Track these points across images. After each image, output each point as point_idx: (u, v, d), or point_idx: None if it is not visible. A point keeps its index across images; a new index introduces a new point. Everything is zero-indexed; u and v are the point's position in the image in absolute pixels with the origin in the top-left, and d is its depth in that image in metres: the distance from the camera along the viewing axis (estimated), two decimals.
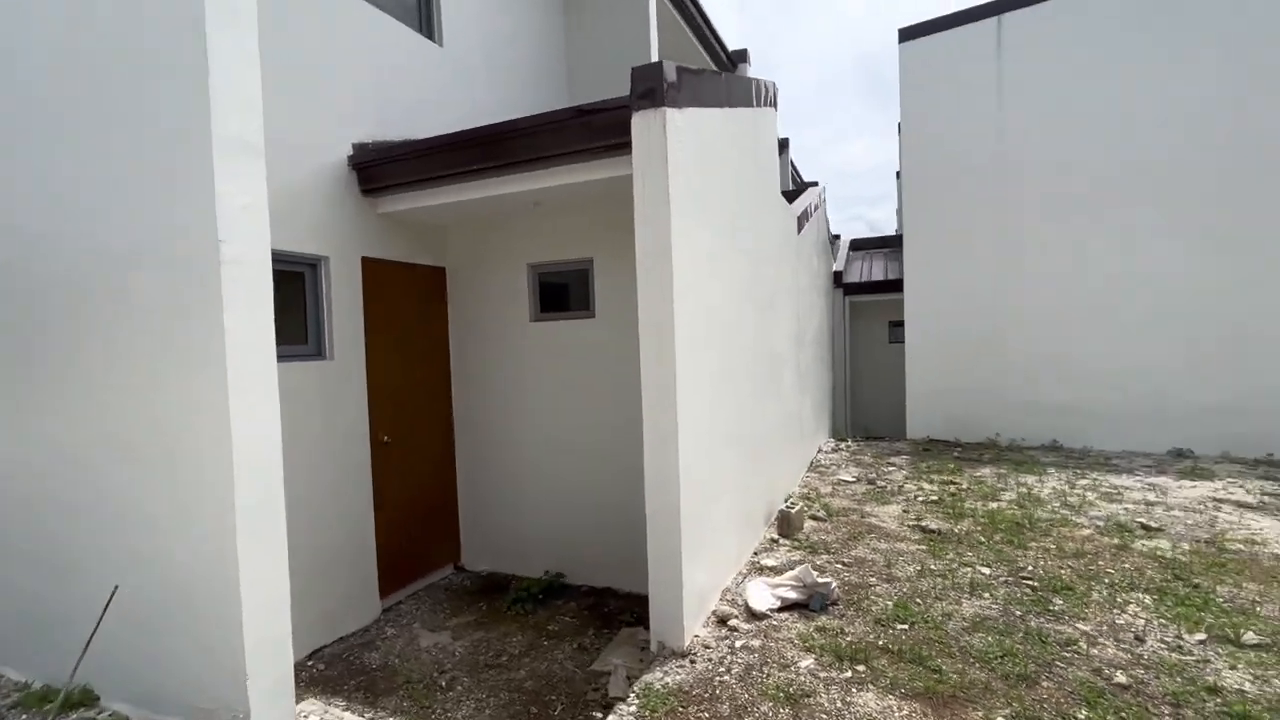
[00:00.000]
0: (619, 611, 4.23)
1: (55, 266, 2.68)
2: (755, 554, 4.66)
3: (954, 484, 6.70)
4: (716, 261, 3.92)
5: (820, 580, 3.71)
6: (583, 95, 6.85)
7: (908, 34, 9.53)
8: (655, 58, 6.57)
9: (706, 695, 2.81)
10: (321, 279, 3.95)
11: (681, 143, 3.32)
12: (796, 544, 4.87)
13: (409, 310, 4.67)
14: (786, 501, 5.66)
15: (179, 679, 2.56)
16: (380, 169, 4.10)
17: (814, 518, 5.50)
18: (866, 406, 12.28)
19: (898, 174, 17.69)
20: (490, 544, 5.03)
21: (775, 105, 5.77)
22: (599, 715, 3.05)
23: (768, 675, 2.95)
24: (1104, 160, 8.31)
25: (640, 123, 3.19)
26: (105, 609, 2.44)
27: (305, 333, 3.90)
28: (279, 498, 2.53)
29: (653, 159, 3.17)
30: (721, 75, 4.14)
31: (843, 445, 9.30)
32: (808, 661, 3.08)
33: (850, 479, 7.06)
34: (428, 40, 4.91)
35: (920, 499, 6.13)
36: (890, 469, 7.56)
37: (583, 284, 4.63)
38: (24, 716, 2.79)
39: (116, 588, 2.49)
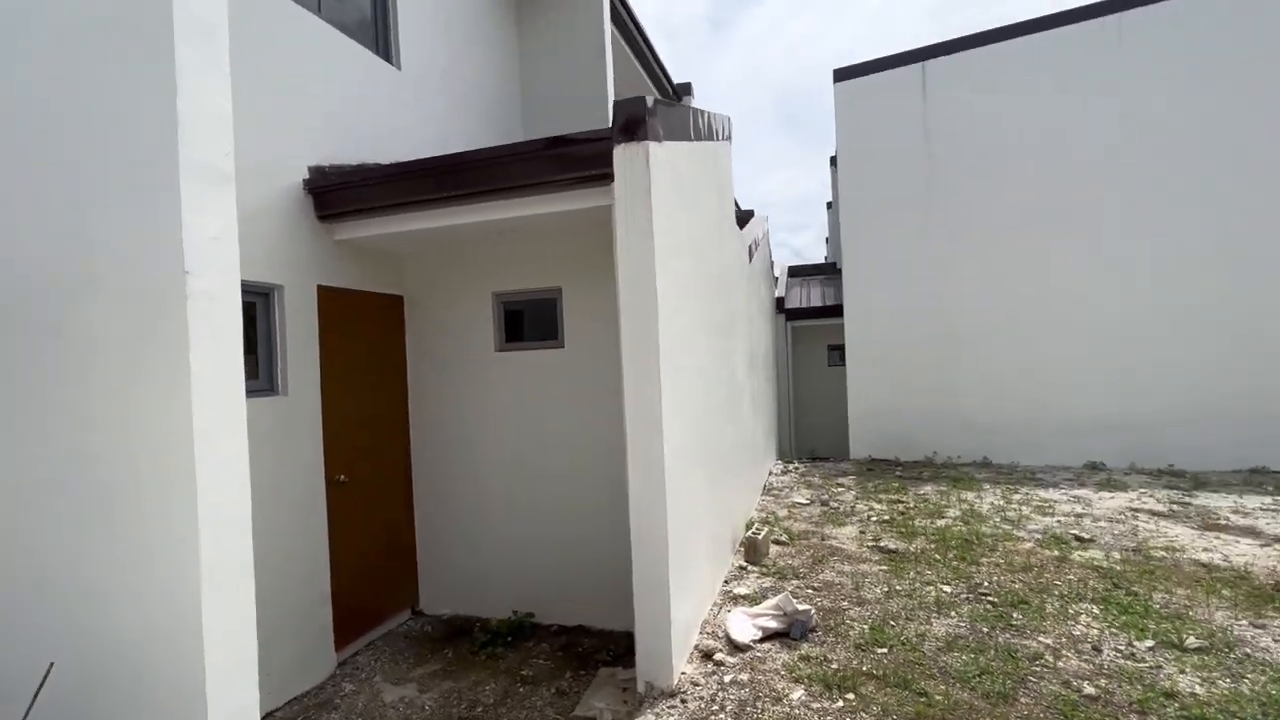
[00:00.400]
0: (594, 650, 4.10)
1: None
2: (726, 583, 4.65)
3: (901, 503, 6.96)
4: (689, 290, 3.95)
5: (800, 608, 3.74)
6: (537, 121, 6.84)
7: (842, 74, 10.09)
8: (610, 88, 6.65)
9: None
10: (275, 309, 3.69)
11: (661, 175, 3.35)
12: (764, 570, 4.90)
13: (366, 341, 4.44)
14: (750, 528, 5.70)
15: None
16: (339, 194, 3.90)
17: (777, 542, 5.57)
18: (809, 428, 12.65)
19: (828, 204, 18.60)
20: (451, 585, 4.78)
21: (730, 138, 5.95)
22: None
23: (762, 711, 2.93)
24: (1021, 193, 9.04)
25: (623, 155, 3.20)
26: (39, 689, 2.12)
27: (257, 367, 3.62)
28: (247, 553, 2.30)
29: (636, 191, 3.18)
30: (691, 110, 4.23)
31: (791, 467, 9.51)
32: (798, 693, 3.07)
33: (804, 501, 7.21)
34: (385, 63, 4.77)
35: (873, 519, 6.33)
36: (840, 489, 7.78)
37: (551, 313, 4.55)
38: None
39: (52, 665, 2.17)
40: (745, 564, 5.05)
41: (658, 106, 3.39)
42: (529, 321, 4.64)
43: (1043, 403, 8.90)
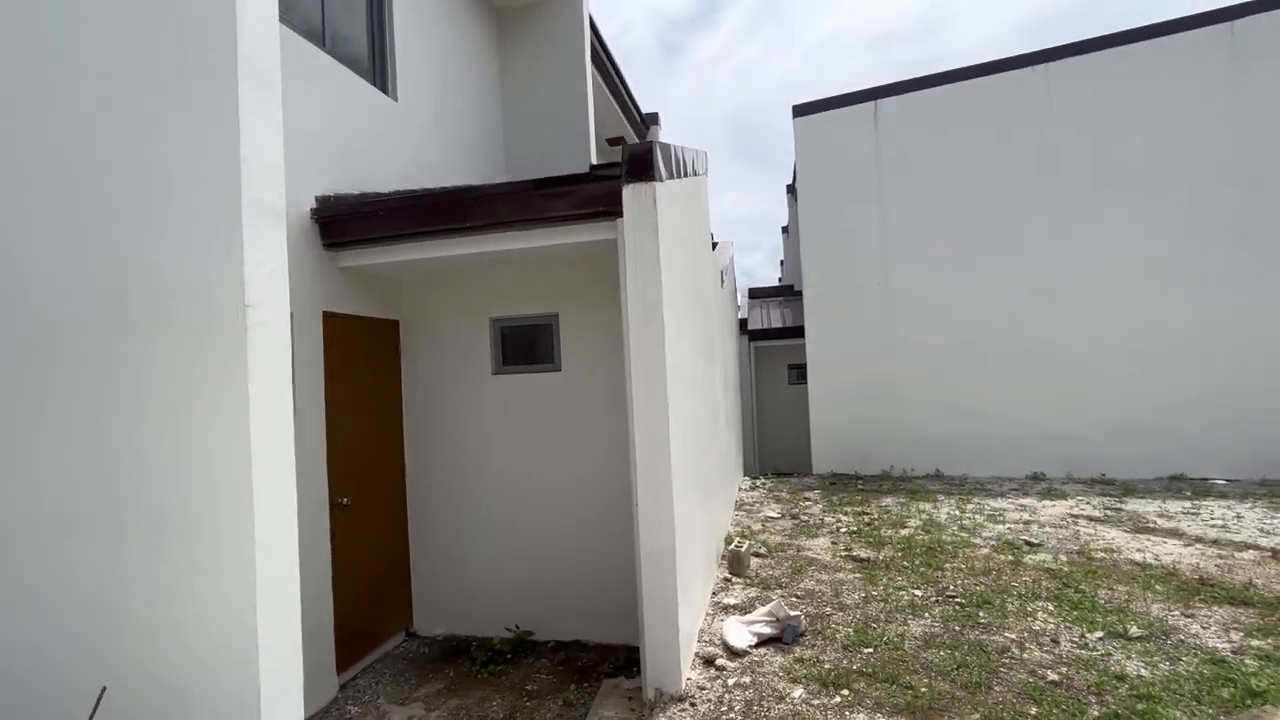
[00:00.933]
0: (594, 664, 4.24)
1: (49, 323, 2.41)
2: (715, 594, 4.88)
3: (866, 514, 7.37)
4: (683, 317, 4.22)
5: (791, 614, 4.00)
6: (519, 153, 7.05)
7: (801, 110, 10.71)
8: (592, 124, 6.94)
9: None
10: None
11: (663, 212, 3.61)
12: (748, 581, 5.16)
13: (364, 365, 4.51)
14: (730, 542, 5.96)
15: None
16: (346, 224, 4.01)
17: (756, 555, 5.84)
18: (771, 443, 13.09)
19: (784, 229, 19.39)
20: (446, 606, 4.83)
21: (708, 172, 6.31)
22: None
23: (768, 709, 3.16)
24: (964, 224, 9.78)
25: (631, 194, 3.45)
26: (93, 713, 2.14)
27: None
28: (295, 575, 2.40)
29: (643, 228, 3.44)
30: (683, 150, 4.53)
31: (758, 483, 9.86)
32: (799, 691, 3.32)
33: (776, 515, 7.54)
34: (383, 94, 4.91)
35: (842, 530, 6.69)
36: (807, 503, 8.15)
37: (547, 338, 4.73)
38: None
39: (105, 689, 2.20)
40: (730, 576, 5.29)
41: (660, 149, 3.67)
42: (526, 345, 4.81)
43: (989, 418, 9.56)
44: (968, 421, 9.66)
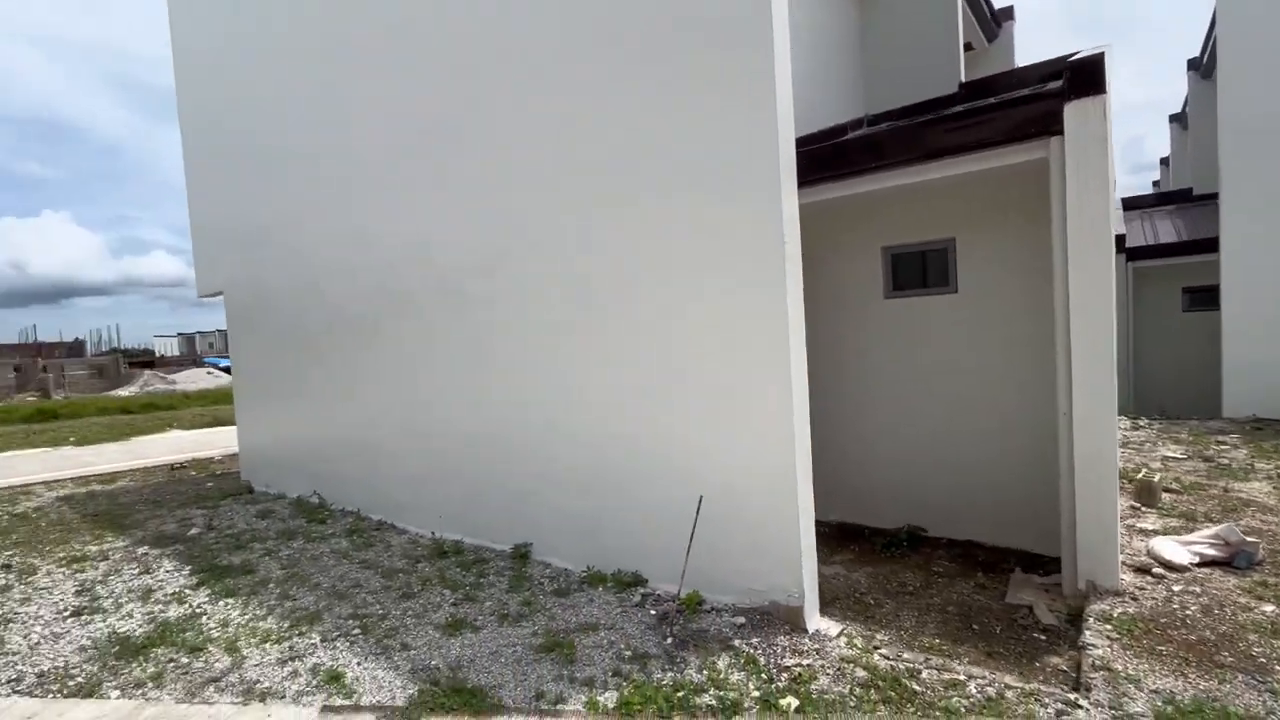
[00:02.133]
0: (994, 561, 4.62)
1: (627, 272, 3.72)
2: (1123, 519, 4.76)
3: None
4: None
5: (1248, 539, 3.79)
6: (878, 85, 7.16)
7: None
8: (961, 38, 6.67)
9: (1178, 624, 3.13)
10: None
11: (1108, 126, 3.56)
12: (1163, 512, 4.88)
13: None
14: (1138, 475, 5.59)
15: (730, 570, 3.48)
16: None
17: (1167, 490, 5.40)
18: (1150, 382, 11.13)
19: (1173, 117, 15.45)
20: (838, 497, 5.66)
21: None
22: (1042, 637, 3.49)
23: (1234, 615, 3.19)
24: None
25: (1075, 110, 3.49)
26: (697, 514, 3.41)
27: None
28: (808, 435, 3.33)
29: (1090, 144, 3.47)
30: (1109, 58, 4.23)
31: (1140, 423, 8.67)
32: (1269, 608, 3.25)
33: (1178, 455, 6.69)
34: None
35: None
36: (1224, 447, 6.99)
37: (941, 262, 5.01)
38: (595, 590, 3.94)
39: (701, 497, 3.46)
40: (1137, 505, 5.06)
41: (1104, 59, 3.58)
42: (916, 270, 5.17)
43: None
44: None
